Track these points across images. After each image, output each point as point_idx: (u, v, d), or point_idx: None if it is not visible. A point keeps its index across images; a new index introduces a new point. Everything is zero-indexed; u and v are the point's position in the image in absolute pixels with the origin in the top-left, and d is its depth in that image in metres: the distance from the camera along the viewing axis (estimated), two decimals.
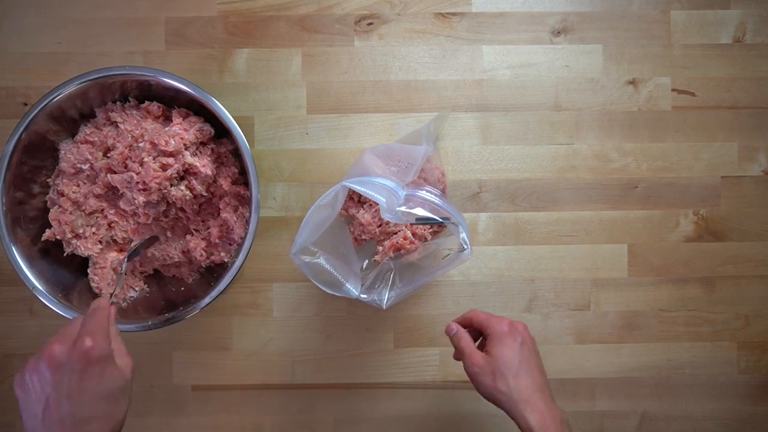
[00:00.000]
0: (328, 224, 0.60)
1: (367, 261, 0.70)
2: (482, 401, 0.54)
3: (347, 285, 0.62)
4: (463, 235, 0.59)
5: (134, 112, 0.66)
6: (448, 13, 0.74)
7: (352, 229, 0.69)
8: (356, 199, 0.69)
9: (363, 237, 0.69)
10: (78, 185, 0.67)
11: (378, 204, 0.57)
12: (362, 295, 0.62)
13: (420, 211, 0.57)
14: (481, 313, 0.59)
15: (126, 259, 0.65)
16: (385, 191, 0.55)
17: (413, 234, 0.67)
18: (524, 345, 0.55)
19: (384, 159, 0.65)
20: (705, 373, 0.75)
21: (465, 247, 0.59)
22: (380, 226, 0.67)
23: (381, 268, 0.66)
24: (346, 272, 0.63)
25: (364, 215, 0.67)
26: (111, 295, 0.59)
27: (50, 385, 0.44)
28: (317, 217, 0.59)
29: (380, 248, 0.67)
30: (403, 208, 0.55)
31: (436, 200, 0.55)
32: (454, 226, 0.60)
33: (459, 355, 0.57)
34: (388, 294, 0.62)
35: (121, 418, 0.46)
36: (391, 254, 0.66)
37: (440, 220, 0.59)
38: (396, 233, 0.67)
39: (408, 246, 0.66)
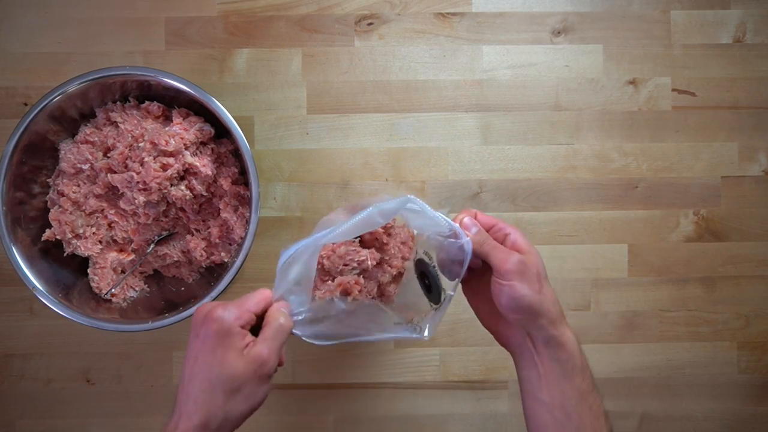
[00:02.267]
0: (310, 286, 0.49)
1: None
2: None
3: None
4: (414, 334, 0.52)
5: (134, 112, 0.66)
6: (448, 13, 0.74)
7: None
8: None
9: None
10: (78, 185, 0.67)
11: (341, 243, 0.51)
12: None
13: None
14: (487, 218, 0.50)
15: (154, 243, 0.68)
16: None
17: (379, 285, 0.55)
18: None
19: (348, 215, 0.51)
20: (705, 373, 0.75)
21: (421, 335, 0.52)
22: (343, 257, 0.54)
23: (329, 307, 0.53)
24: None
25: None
26: (294, 314, 0.50)
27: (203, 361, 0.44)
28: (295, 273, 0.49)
29: (329, 283, 0.53)
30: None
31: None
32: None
33: (482, 255, 0.47)
34: (313, 328, 0.50)
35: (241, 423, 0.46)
36: (337, 294, 0.53)
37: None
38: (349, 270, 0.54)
39: (357, 293, 0.53)
